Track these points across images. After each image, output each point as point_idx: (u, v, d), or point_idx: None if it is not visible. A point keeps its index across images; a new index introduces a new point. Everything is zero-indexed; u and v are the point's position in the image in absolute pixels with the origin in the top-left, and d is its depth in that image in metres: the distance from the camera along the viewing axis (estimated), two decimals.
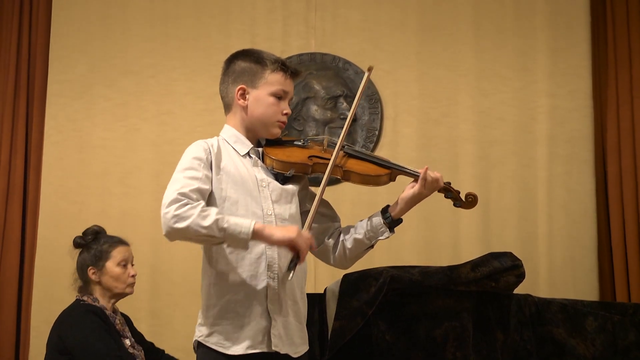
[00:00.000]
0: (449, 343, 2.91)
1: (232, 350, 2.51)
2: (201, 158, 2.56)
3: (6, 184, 4.80)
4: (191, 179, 2.49)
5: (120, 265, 3.50)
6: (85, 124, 4.86)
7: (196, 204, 2.42)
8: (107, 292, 3.48)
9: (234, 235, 2.40)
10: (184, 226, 2.38)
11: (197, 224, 2.37)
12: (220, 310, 2.54)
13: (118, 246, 3.55)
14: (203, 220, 2.38)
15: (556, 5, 4.78)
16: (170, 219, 2.39)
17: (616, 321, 3.05)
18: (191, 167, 2.53)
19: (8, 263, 4.73)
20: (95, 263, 3.49)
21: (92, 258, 3.50)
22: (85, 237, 3.57)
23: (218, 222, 2.39)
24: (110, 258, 3.50)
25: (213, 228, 2.38)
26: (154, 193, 4.75)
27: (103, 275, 3.47)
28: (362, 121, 4.77)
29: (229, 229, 2.40)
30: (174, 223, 2.39)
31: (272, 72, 2.67)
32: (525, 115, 4.74)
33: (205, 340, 2.54)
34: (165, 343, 4.04)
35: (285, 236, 2.45)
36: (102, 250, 3.51)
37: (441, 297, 2.96)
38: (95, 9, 4.95)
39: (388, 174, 2.71)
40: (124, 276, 3.50)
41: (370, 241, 2.70)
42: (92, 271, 3.48)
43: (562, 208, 4.64)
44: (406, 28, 4.85)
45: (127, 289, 3.52)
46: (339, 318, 2.91)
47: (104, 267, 3.48)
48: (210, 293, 2.57)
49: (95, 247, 3.52)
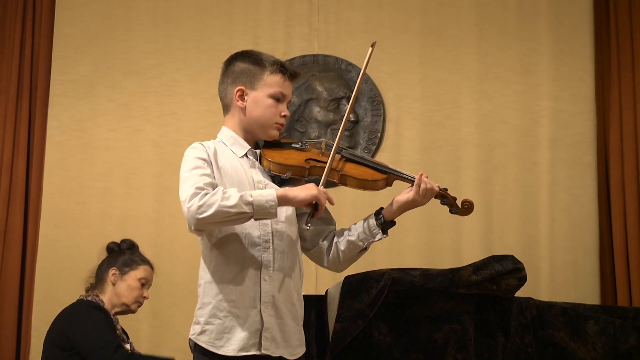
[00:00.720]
0: (450, 346, 2.91)
1: (223, 350, 2.51)
2: (204, 158, 2.57)
3: (8, 184, 4.80)
4: (202, 176, 2.51)
5: (140, 281, 3.56)
6: (88, 124, 4.87)
7: (215, 190, 2.45)
8: (116, 298, 3.50)
9: (261, 205, 2.43)
10: (212, 212, 2.40)
11: (224, 206, 2.40)
12: (212, 309, 2.54)
13: (147, 265, 3.63)
14: (227, 201, 2.40)
15: (559, 8, 4.79)
16: (196, 210, 2.41)
17: (617, 325, 3.04)
18: (198, 165, 2.54)
19: (9, 263, 4.73)
20: (120, 267, 3.54)
21: (120, 261, 3.56)
22: (121, 245, 3.65)
23: (243, 198, 2.41)
24: (136, 270, 3.56)
25: (240, 205, 2.40)
26: (156, 194, 4.76)
27: (121, 281, 3.52)
28: (364, 123, 4.77)
29: (255, 201, 2.42)
30: (201, 214, 2.40)
31: (271, 74, 2.67)
32: (528, 118, 4.74)
33: (197, 338, 2.55)
34: (165, 344, 4.06)
35: (309, 194, 2.49)
36: (132, 260, 3.58)
37: (442, 300, 2.96)
38: (98, 9, 4.95)
39: (385, 178, 2.70)
40: (137, 292, 3.55)
41: (363, 243, 2.69)
42: (113, 272, 3.52)
43: (564, 211, 4.64)
44: (409, 30, 4.85)
45: (133, 305, 3.56)
46: (340, 320, 2.91)
47: (126, 274, 3.53)
48: (204, 291, 2.58)
49: (127, 255, 3.60)
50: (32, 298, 4.70)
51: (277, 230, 2.59)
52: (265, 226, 2.57)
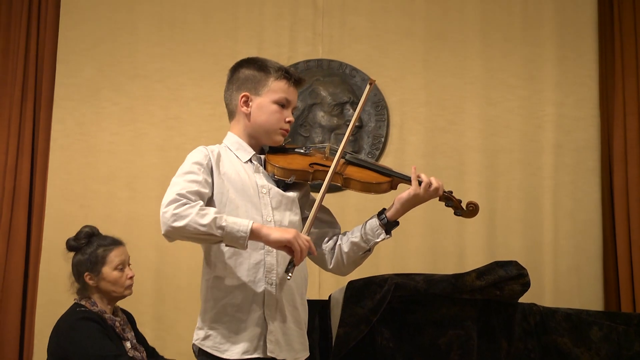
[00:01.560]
0: (453, 351, 2.91)
1: (227, 354, 2.51)
2: (201, 163, 2.58)
3: (12, 187, 4.80)
4: (190, 182, 2.51)
5: (117, 269, 3.42)
6: (92, 128, 4.87)
7: (194, 203, 2.44)
8: (106, 296, 3.41)
9: (232, 234, 2.41)
10: (183, 224, 2.39)
11: (196, 221, 2.39)
12: (216, 314, 2.55)
13: (113, 249, 3.45)
14: (202, 219, 2.39)
15: (564, 14, 4.79)
16: (169, 217, 2.42)
17: (621, 331, 3.04)
18: (191, 171, 2.55)
19: (13, 266, 4.73)
20: (91, 268, 3.40)
21: (87, 263, 3.41)
22: (78, 241, 3.47)
23: (216, 221, 2.39)
24: (107, 263, 3.41)
25: (212, 226, 2.39)
26: (160, 198, 4.67)
27: (100, 281, 3.39)
28: (368, 128, 4.77)
29: (227, 227, 2.40)
30: (173, 222, 2.41)
31: (276, 80, 2.69)
32: (532, 123, 4.73)
33: (201, 343, 2.56)
34: (169, 347, 4.04)
35: (283, 237, 2.44)
36: (97, 255, 3.41)
37: (446, 305, 2.96)
38: (103, 13, 4.96)
39: (389, 181, 2.71)
40: (121, 280, 3.42)
41: (366, 244, 2.70)
42: (88, 277, 3.39)
43: (568, 217, 4.64)
44: (413, 35, 4.85)
45: (125, 291, 3.45)
46: (343, 325, 2.91)
47: (100, 272, 3.39)
48: (207, 297, 2.58)
49: (89, 251, 3.42)
50: (36, 301, 4.70)
51: None
52: None
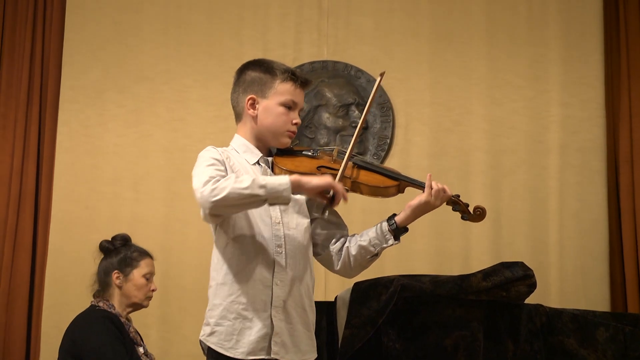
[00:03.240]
0: (459, 352, 2.90)
1: (232, 352, 2.52)
2: (218, 159, 2.59)
3: (18, 189, 4.81)
4: (216, 170, 2.52)
5: (144, 277, 3.51)
6: (98, 130, 4.88)
7: (228, 176, 2.47)
8: (125, 299, 3.47)
9: (275, 188, 2.41)
10: (224, 195, 2.38)
11: (236, 188, 2.38)
12: (223, 310, 2.55)
13: (146, 258, 3.56)
14: (241, 184, 2.39)
15: (569, 14, 4.78)
16: (209, 194, 2.40)
17: (627, 332, 3.03)
18: (212, 163, 2.56)
19: (19, 268, 4.74)
20: (121, 268, 3.48)
21: (119, 263, 3.50)
22: (114, 242, 3.57)
23: (255, 181, 2.40)
24: (138, 267, 3.50)
25: (253, 187, 2.39)
26: (165, 199, 4.76)
27: (126, 282, 3.47)
28: (373, 129, 4.77)
29: (269, 184, 2.41)
30: (214, 197, 2.39)
31: (282, 82, 2.68)
32: (537, 124, 4.73)
33: (207, 339, 2.56)
34: (174, 349, 4.05)
35: (324, 180, 2.47)
36: (131, 258, 3.51)
37: (452, 307, 2.96)
38: (109, 15, 4.97)
39: (396, 185, 2.71)
40: (145, 288, 3.51)
41: (374, 248, 2.69)
42: (116, 275, 3.47)
43: (574, 218, 4.62)
44: (419, 36, 4.84)
45: (145, 301, 3.53)
46: (349, 326, 2.91)
47: (130, 274, 3.48)
48: (216, 293, 2.59)
49: (123, 253, 3.52)
50: (42, 303, 4.70)
51: (289, 235, 2.61)
52: (277, 230, 2.59)
